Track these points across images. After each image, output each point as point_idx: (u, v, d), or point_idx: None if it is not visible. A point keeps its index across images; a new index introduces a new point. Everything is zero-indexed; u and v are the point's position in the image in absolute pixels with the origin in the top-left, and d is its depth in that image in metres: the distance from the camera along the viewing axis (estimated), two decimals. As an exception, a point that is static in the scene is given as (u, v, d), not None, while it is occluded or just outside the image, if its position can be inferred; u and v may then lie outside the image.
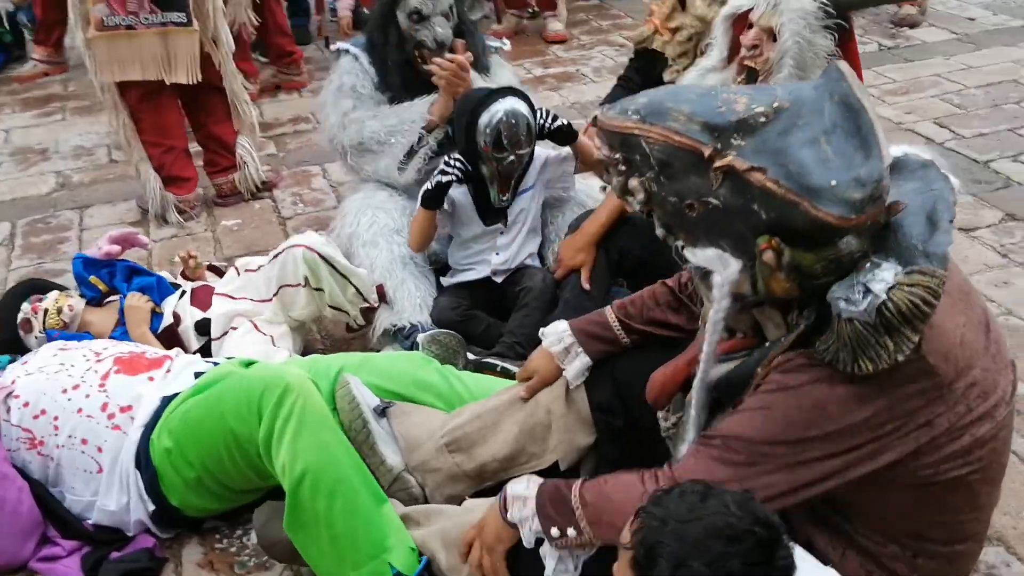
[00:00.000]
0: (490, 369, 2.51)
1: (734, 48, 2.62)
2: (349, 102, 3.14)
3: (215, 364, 2.37)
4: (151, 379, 2.29)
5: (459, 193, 2.78)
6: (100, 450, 2.20)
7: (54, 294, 2.75)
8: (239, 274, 2.81)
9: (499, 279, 2.87)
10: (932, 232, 1.45)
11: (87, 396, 2.23)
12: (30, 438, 2.23)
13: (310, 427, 1.97)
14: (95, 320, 2.77)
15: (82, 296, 2.83)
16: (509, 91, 2.71)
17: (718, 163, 1.43)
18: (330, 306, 2.70)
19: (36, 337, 2.68)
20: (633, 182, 1.49)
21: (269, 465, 2.01)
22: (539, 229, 2.95)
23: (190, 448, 2.11)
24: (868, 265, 1.41)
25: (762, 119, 1.44)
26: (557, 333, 2.10)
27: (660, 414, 1.82)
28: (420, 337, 2.61)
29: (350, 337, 2.92)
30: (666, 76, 3.47)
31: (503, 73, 3.31)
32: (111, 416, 2.21)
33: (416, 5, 3.00)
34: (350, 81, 3.15)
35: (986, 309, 1.60)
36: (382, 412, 2.15)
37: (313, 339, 2.95)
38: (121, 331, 2.73)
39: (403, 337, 2.73)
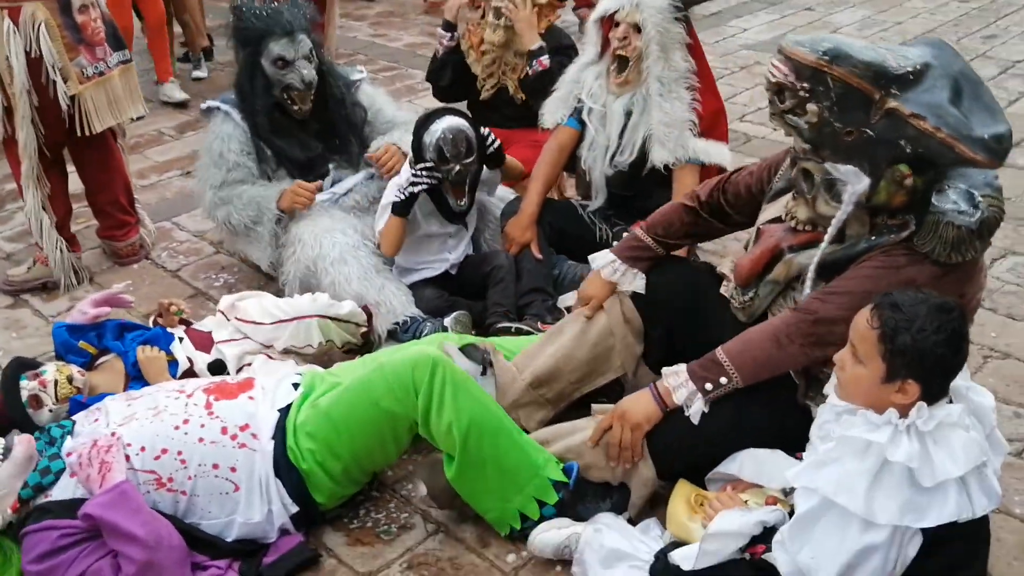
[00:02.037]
0: (506, 332, 2.98)
1: (604, 44, 3.29)
2: (219, 174, 3.43)
3: (299, 375, 2.60)
4: (251, 398, 2.47)
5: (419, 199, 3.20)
6: (233, 470, 2.36)
7: (51, 366, 2.73)
8: (228, 319, 2.98)
9: (454, 271, 3.35)
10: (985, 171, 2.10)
11: (202, 426, 2.38)
12: (156, 478, 2.33)
13: (462, 387, 2.34)
14: (101, 382, 2.79)
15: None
16: (448, 111, 3.18)
17: (888, 105, 1.97)
18: (339, 347, 3.00)
19: (51, 410, 2.65)
20: (812, 107, 2.04)
21: (425, 430, 2.35)
22: (471, 224, 3.46)
23: (338, 441, 2.36)
24: (947, 189, 2.04)
25: (911, 76, 2.00)
26: (608, 263, 2.64)
27: (736, 291, 2.43)
28: (447, 320, 3.05)
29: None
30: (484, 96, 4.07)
31: (379, 97, 3.74)
32: (234, 437, 2.38)
33: (279, 52, 3.35)
34: (218, 148, 3.44)
35: None
36: (484, 371, 2.56)
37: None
38: (137, 385, 2.78)
39: (403, 331, 3.09)
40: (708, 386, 2.27)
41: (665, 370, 2.35)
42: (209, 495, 2.35)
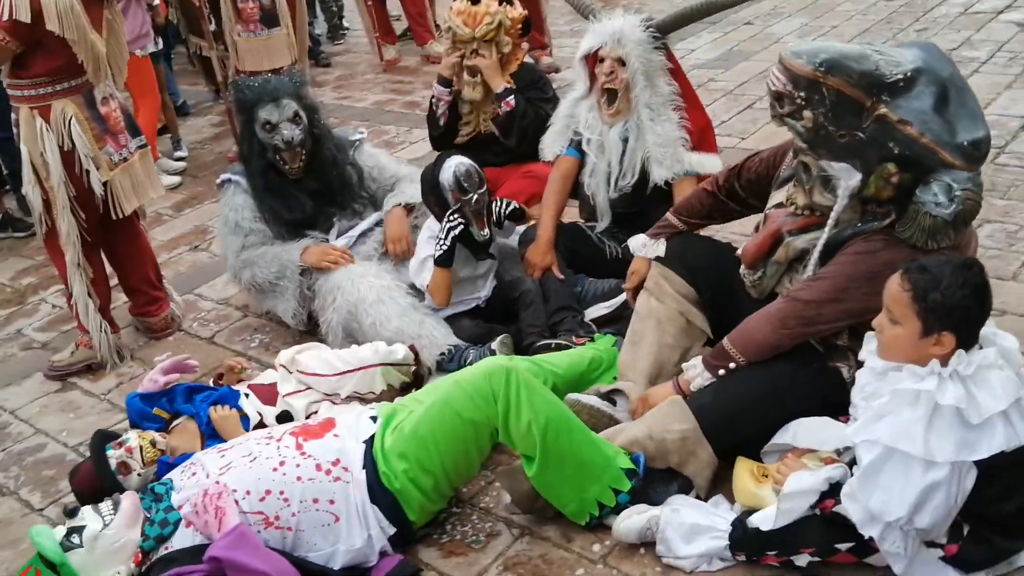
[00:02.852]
0: (546, 349, 3.21)
1: (591, 79, 3.57)
2: (237, 240, 3.73)
3: (374, 408, 2.80)
4: (336, 436, 2.67)
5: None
6: (332, 502, 2.55)
7: (133, 433, 2.90)
8: (290, 372, 3.17)
9: (484, 303, 3.59)
10: None
11: (297, 466, 2.57)
12: (264, 518, 2.51)
13: (535, 390, 2.58)
14: (180, 443, 2.96)
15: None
16: (447, 154, 3.47)
17: (878, 112, 2.20)
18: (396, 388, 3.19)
19: (139, 474, 2.82)
20: (807, 113, 2.28)
21: (505, 435, 2.57)
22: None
23: (428, 457, 2.56)
24: (932, 182, 2.26)
25: (901, 83, 2.22)
26: (644, 244, 3.01)
27: (746, 272, 2.71)
28: (494, 344, 3.26)
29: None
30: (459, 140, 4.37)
31: (381, 156, 4.03)
32: (328, 472, 2.57)
33: (266, 117, 3.66)
34: (234, 217, 3.76)
35: None
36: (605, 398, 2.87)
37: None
38: (213, 443, 2.94)
39: (448, 360, 3.30)
40: (721, 372, 2.60)
41: (685, 365, 2.69)
42: (313, 528, 2.54)
